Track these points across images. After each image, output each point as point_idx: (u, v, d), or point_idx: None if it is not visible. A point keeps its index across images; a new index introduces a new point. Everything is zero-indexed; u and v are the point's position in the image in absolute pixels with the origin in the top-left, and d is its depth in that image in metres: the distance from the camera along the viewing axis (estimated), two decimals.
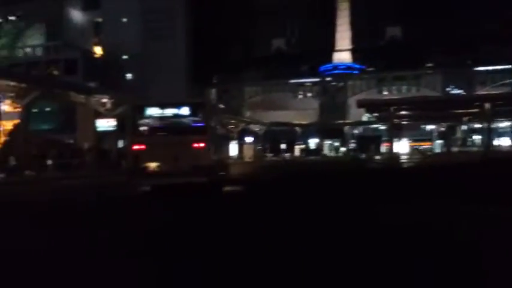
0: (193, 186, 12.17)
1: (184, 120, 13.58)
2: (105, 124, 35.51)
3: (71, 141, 40.49)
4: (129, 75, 77.28)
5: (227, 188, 14.40)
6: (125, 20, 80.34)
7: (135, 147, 13.30)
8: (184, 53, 78.30)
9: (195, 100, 20.18)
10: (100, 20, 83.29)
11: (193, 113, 13.58)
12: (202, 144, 12.89)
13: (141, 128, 13.72)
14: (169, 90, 64.20)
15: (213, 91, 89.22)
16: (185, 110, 13.63)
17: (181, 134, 13.10)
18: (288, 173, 25.38)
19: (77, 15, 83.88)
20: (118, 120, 41.10)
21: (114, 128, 36.51)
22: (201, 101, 20.08)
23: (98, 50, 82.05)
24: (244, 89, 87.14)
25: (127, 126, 16.22)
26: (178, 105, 14.02)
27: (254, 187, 15.23)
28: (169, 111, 13.76)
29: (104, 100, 35.90)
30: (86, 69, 66.67)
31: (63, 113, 49.54)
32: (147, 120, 13.68)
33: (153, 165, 12.64)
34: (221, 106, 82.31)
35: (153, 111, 13.82)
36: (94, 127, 35.09)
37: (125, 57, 77.51)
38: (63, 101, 38.55)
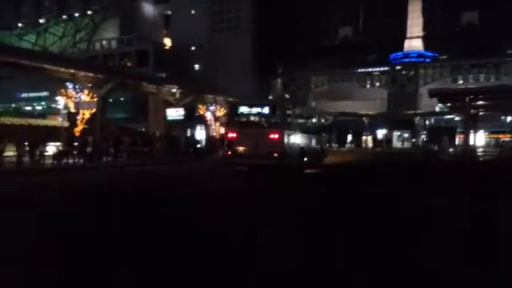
0: (279, 168, 16.34)
1: (264, 117, 17.87)
2: (175, 113, 36.44)
3: (143, 129, 42.18)
4: (196, 66, 79.19)
5: (308, 170, 18.44)
6: (193, 12, 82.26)
7: (230, 135, 18.00)
8: (250, 44, 78.81)
9: (274, 102, 27.06)
10: (169, 12, 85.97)
11: (271, 112, 17.92)
12: (276, 136, 16.90)
13: (234, 121, 18.47)
14: (235, 80, 65.01)
15: (279, 81, 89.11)
16: (266, 109, 18.09)
17: (261, 127, 17.44)
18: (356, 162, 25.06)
19: (148, 8, 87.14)
20: (186, 110, 42.32)
21: (182, 117, 37.45)
22: (278, 103, 26.30)
23: (168, 42, 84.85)
24: (310, 78, 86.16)
25: (227, 120, 21.51)
26: (261, 106, 18.67)
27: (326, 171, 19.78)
28: (255, 110, 18.38)
29: (174, 90, 36.87)
30: (157, 61, 69.16)
31: (135, 103, 51.76)
32: (238, 116, 18.40)
33: (241, 148, 17.16)
34: (286, 96, 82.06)
35: (243, 109, 18.68)
36: (164, 116, 36.19)
37: (192, 48, 79.51)
38: (136, 91, 40.16)
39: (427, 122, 68.40)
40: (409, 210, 8.22)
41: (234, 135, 17.65)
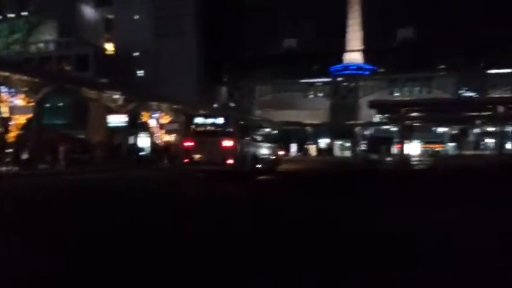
0: (234, 174, 17.64)
1: (219, 127, 19.08)
2: (117, 120, 35.45)
3: (83, 136, 40.60)
4: (140, 72, 77.56)
5: (260, 177, 19.84)
6: (136, 17, 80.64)
7: (187, 144, 19.21)
8: (195, 50, 78.34)
9: (227, 114, 28.05)
10: (112, 16, 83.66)
11: (225, 122, 19.29)
12: (230, 144, 18.17)
13: (191, 131, 19.45)
14: (180, 87, 64.35)
15: (224, 89, 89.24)
16: (220, 120, 19.45)
17: (216, 136, 18.54)
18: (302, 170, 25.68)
19: (89, 11, 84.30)
20: (129, 117, 41.26)
21: (125, 124, 36.50)
22: (231, 114, 27.48)
23: (110, 47, 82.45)
24: (255, 87, 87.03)
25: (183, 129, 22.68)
26: (215, 116, 20.36)
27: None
28: (209, 120, 19.69)
29: (116, 96, 35.86)
30: (98, 65, 67.00)
31: (75, 109, 49.72)
32: (194, 126, 19.53)
33: (197, 156, 18.43)
34: (232, 105, 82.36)
35: (199, 119, 19.99)
36: (105, 123, 35.05)
37: (136, 54, 77.83)
38: (75, 96, 38.64)
39: (366, 132, 71.19)
40: (346, 215, 8.50)
41: (191, 144, 19.02)
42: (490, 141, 59.55)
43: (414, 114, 50.45)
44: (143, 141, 44.78)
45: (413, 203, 9.72)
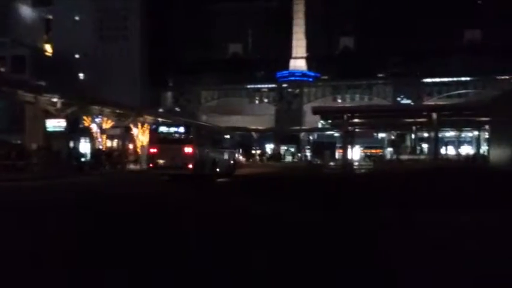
0: (194, 177, 19.38)
1: (179, 134, 21.16)
2: (55, 124, 33.94)
3: (19, 141, 38.47)
4: (81, 75, 74.83)
5: (220, 180, 21.64)
6: (77, 18, 77.84)
7: (152, 150, 21.25)
8: (139, 54, 76.78)
9: (188, 123, 32.12)
10: (51, 17, 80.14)
11: (186, 130, 21.51)
12: (190, 150, 20.00)
13: (155, 138, 21.49)
14: (123, 91, 62.76)
15: (169, 94, 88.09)
16: (181, 128, 21.85)
17: (178, 143, 20.46)
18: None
19: (26, 11, 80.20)
20: (69, 121, 39.62)
21: (64, 129, 35.07)
22: (191, 123, 31.12)
23: (49, 48, 78.94)
24: (201, 92, 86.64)
25: (149, 137, 24.95)
26: (178, 125, 23.51)
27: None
28: (172, 129, 22.13)
29: (54, 99, 34.32)
30: (35, 67, 63.90)
31: (10, 112, 47.01)
32: (158, 134, 21.64)
33: (161, 161, 20.30)
34: (177, 109, 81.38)
35: (163, 128, 22.59)
36: (43, 127, 33.45)
37: (76, 56, 75.06)
38: (10, 99, 36.65)
39: (310, 137, 72.84)
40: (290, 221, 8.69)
41: (155, 150, 20.89)
42: (425, 146, 62.90)
43: (356, 120, 52.21)
44: (84, 146, 43.19)
45: (347, 206, 10.05)
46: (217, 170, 22.67)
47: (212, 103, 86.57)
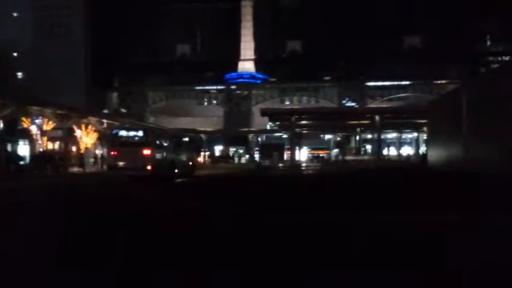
0: (152, 178, 20.27)
1: (138, 138, 22.23)
2: None
3: None
4: (19, 74, 71.25)
5: (179, 180, 22.44)
6: (15, 14, 74.13)
7: (112, 153, 22.60)
8: (82, 53, 74.27)
9: (146, 127, 32.57)
10: None
11: (144, 134, 22.52)
12: (148, 152, 21.21)
13: (115, 141, 22.72)
14: (65, 91, 60.44)
15: (115, 95, 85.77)
16: (140, 132, 22.84)
17: (136, 146, 21.50)
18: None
19: None
20: (6, 123, 37.61)
21: (0, 131, 33.36)
22: (149, 128, 31.43)
23: None
24: (148, 93, 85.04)
25: (110, 140, 25.71)
26: (137, 130, 24.30)
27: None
28: (131, 133, 23.06)
29: None
30: None
31: None
32: (119, 137, 22.65)
33: (121, 163, 21.24)
34: (123, 111, 79.35)
35: (122, 132, 23.38)
36: None
37: (15, 54, 71.39)
38: None
39: (259, 139, 73.45)
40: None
41: (115, 153, 22.09)
42: (369, 147, 65.30)
43: (303, 122, 53.31)
44: (24, 149, 41.16)
45: (289, 208, 10.25)
46: (176, 171, 23.72)
47: (160, 104, 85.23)
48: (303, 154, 62.80)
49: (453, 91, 33.66)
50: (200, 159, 48.39)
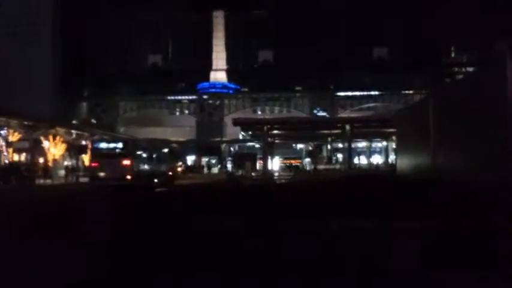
0: (132, 187, 20.84)
1: (118, 149, 23.03)
2: None
3: None
4: None
5: (158, 189, 23.31)
6: None
7: (93, 164, 23.64)
8: (51, 62, 72.68)
9: (125, 139, 35.11)
10: None
11: (124, 145, 23.50)
12: (127, 163, 22.11)
13: (95, 153, 23.84)
14: (32, 101, 58.97)
15: (84, 105, 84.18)
16: (120, 144, 24.05)
17: (116, 157, 22.32)
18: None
19: None
20: None
21: None
22: (129, 140, 32.91)
23: None
24: (119, 103, 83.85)
25: (90, 152, 26.67)
26: (116, 141, 27.71)
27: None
28: (111, 145, 24.15)
29: None
30: None
31: None
32: (99, 149, 23.86)
33: (102, 174, 22.14)
34: (93, 121, 77.86)
35: (102, 144, 25.01)
36: None
37: None
38: None
39: (232, 149, 73.36)
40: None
41: (96, 164, 23.00)
42: (340, 156, 66.19)
43: (275, 131, 53.66)
44: None
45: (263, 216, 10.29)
46: (156, 180, 24.75)
47: (131, 114, 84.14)
48: (275, 163, 63.00)
49: (420, 101, 34.58)
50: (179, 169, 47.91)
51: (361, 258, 6.01)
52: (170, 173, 28.54)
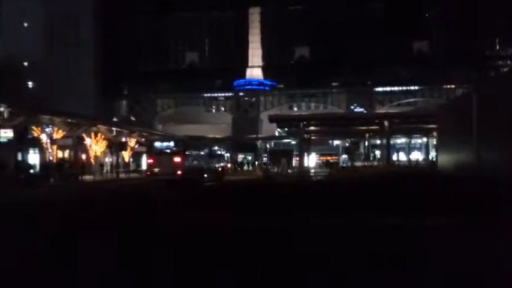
0: (183, 182, 22.99)
1: (171, 148, 26.44)
2: (2, 135, 32.51)
3: None
4: (30, 83, 72.05)
5: (207, 184, 25.07)
6: (26, 24, 75.10)
7: (149, 161, 27.51)
8: (92, 62, 74.99)
9: (177, 138, 36.60)
10: None
11: (176, 144, 26.97)
12: (178, 160, 25.19)
13: (152, 151, 27.44)
14: (75, 100, 60.98)
15: (124, 103, 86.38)
16: (172, 143, 27.58)
17: (169, 155, 25.69)
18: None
19: None
20: (17, 131, 37.91)
21: (11, 139, 33.61)
22: (179, 139, 33.93)
23: None
24: (157, 101, 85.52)
25: (147, 150, 31.82)
26: (169, 140, 30.57)
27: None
28: (165, 144, 27.63)
29: (1, 109, 32.82)
30: None
31: None
32: (154, 148, 27.54)
33: (156, 169, 25.31)
34: (132, 118, 79.77)
35: (157, 144, 28.26)
36: None
37: (25, 64, 72.23)
38: None
39: (268, 146, 73.29)
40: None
41: (152, 161, 26.53)
42: (377, 152, 64.85)
43: (311, 128, 53.13)
44: (34, 157, 41.51)
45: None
46: (205, 176, 27.37)
47: (168, 112, 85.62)
48: (311, 160, 62.45)
49: (463, 95, 33.34)
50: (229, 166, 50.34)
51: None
52: (220, 169, 32.00)
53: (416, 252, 6.26)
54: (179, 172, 24.33)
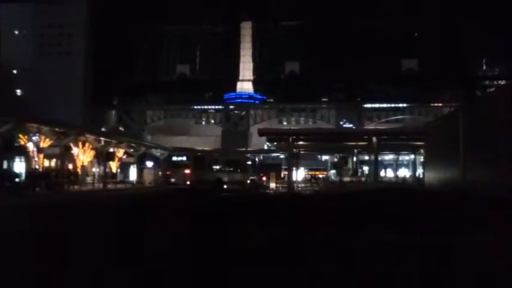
0: (192, 190, 26.46)
1: (183, 161, 34.33)
2: None
3: None
4: (18, 91, 71.48)
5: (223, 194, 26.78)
6: (16, 32, 74.82)
7: (167, 172, 38.61)
8: (82, 72, 74.73)
9: (189, 153, 41.07)
10: None
11: (187, 158, 35.30)
12: (188, 172, 32.33)
13: (169, 164, 37.33)
14: (64, 109, 60.59)
15: (113, 113, 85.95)
16: (184, 157, 36.99)
17: (181, 167, 34.52)
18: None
19: None
20: (3, 139, 37.48)
21: None
22: (192, 155, 39.71)
23: None
24: (146, 112, 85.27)
25: (166, 163, 41.23)
26: (182, 155, 40.41)
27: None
28: (179, 158, 37.88)
29: None
30: None
31: None
32: (172, 161, 37.14)
33: (173, 180, 34.02)
34: (121, 129, 79.32)
35: (174, 158, 39.41)
36: None
37: (14, 71, 71.77)
38: None
39: (256, 159, 73.19)
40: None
41: (169, 172, 32.81)
42: (366, 168, 65.16)
43: (301, 142, 53.32)
44: (20, 166, 41.00)
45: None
46: (225, 187, 32.01)
47: (158, 123, 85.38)
48: (300, 174, 62.53)
49: (451, 113, 33.84)
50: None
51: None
52: (248, 181, 36.88)
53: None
54: (188, 182, 30.38)
